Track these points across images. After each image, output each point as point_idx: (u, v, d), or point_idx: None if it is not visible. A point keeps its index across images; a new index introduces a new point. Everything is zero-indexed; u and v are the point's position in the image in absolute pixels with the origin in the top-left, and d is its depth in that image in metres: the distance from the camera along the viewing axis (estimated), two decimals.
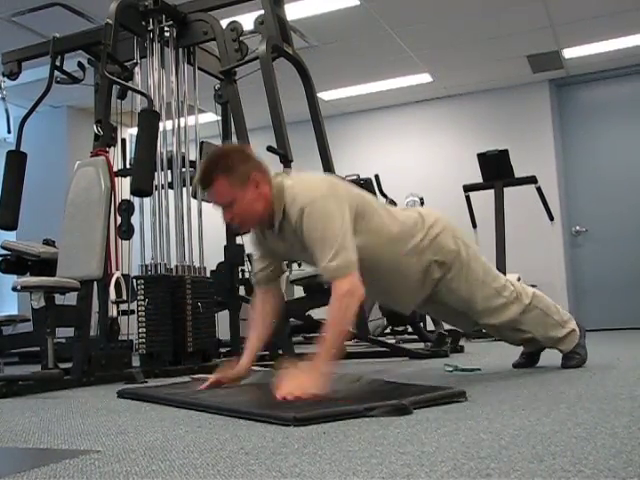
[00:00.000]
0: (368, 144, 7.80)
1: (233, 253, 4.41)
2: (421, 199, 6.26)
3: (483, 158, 5.20)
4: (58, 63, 4.09)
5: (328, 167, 4.07)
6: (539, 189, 5.23)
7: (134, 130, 3.59)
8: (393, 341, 4.39)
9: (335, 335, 2.02)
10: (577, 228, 7.09)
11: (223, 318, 4.45)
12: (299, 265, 3.93)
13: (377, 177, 5.88)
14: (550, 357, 2.79)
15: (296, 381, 1.92)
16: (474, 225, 5.63)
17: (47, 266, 4.13)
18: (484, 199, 5.32)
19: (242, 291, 4.72)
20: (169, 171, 4.16)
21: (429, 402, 1.84)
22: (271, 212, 2.18)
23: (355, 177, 5.69)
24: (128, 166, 4.48)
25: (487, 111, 7.36)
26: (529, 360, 2.88)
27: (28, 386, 2.90)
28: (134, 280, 3.90)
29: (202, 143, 4.56)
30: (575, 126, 7.16)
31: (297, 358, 3.56)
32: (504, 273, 4.93)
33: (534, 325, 2.61)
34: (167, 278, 3.83)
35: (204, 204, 4.48)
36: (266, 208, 2.17)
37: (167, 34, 4.14)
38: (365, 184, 5.71)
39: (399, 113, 7.75)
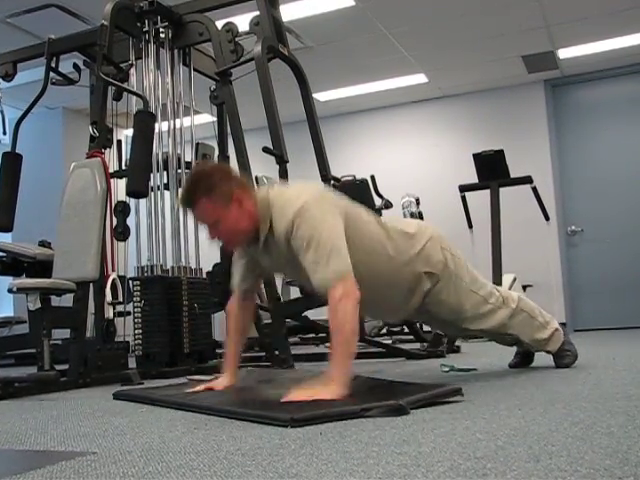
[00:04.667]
0: (364, 145, 7.80)
1: (229, 254, 4.40)
2: (417, 199, 6.26)
3: (478, 158, 5.18)
4: (53, 64, 4.09)
5: (324, 168, 4.07)
6: (535, 189, 5.22)
7: (130, 131, 3.59)
8: (389, 342, 4.38)
9: (341, 344, 1.96)
10: (572, 228, 7.11)
11: (219, 319, 4.45)
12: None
13: (373, 178, 5.88)
14: (546, 357, 2.80)
15: (311, 391, 1.89)
16: (470, 225, 5.62)
17: (43, 268, 4.12)
18: (480, 199, 5.31)
19: None
20: (165, 172, 4.16)
21: (426, 400, 1.84)
22: (256, 228, 2.17)
23: (351, 178, 5.68)
24: (124, 167, 4.47)
25: (482, 111, 7.37)
26: (524, 359, 2.90)
27: (24, 388, 2.90)
28: (130, 281, 3.89)
29: (198, 144, 4.56)
30: (570, 126, 7.18)
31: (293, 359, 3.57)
32: (500, 273, 4.93)
33: (521, 328, 2.64)
34: (163, 279, 3.83)
35: None
36: (251, 225, 2.16)
37: (162, 35, 4.13)
38: (361, 185, 5.71)
39: (394, 114, 7.75)
